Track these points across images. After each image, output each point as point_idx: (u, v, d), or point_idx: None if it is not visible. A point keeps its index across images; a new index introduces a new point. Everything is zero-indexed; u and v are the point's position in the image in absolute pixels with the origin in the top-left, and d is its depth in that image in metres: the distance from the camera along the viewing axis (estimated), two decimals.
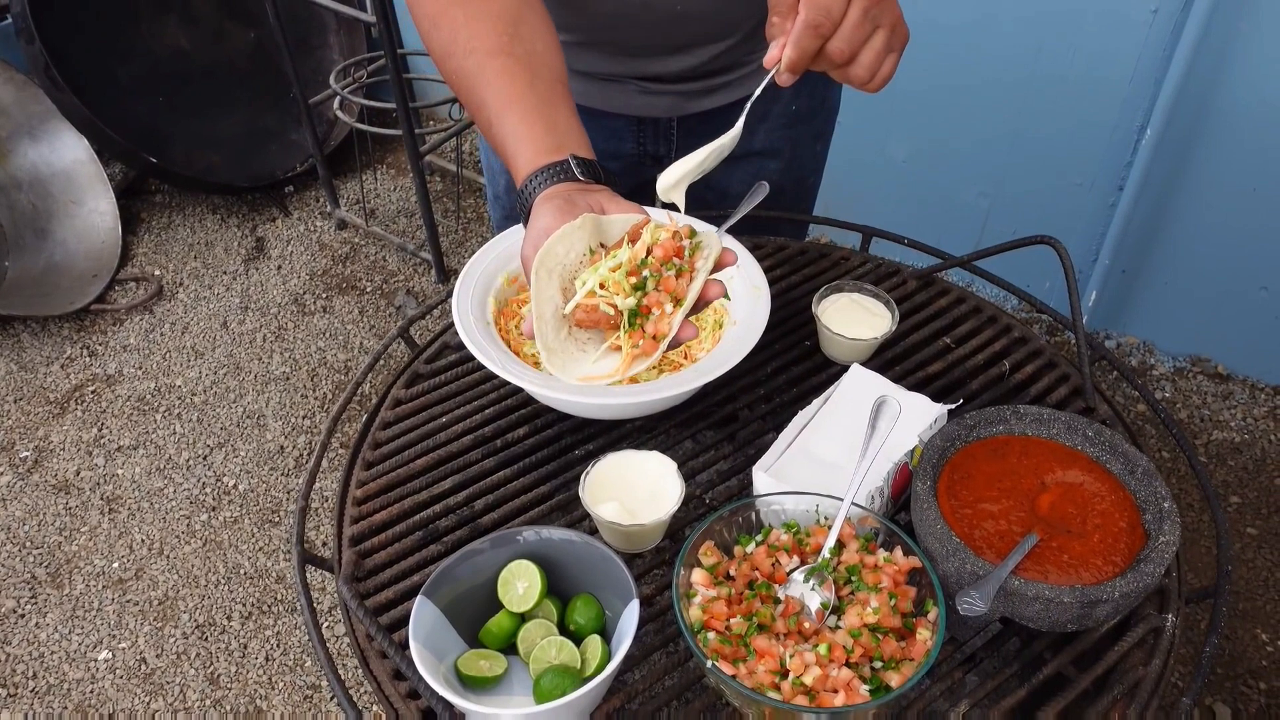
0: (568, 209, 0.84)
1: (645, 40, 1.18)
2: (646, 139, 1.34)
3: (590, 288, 0.81)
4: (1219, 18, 1.99)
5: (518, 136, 0.91)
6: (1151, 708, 0.86)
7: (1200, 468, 1.05)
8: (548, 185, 0.87)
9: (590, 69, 1.24)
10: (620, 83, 1.25)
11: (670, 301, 0.81)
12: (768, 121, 1.34)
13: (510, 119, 0.91)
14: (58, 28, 2.83)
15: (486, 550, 0.90)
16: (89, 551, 2.21)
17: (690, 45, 1.20)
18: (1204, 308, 2.43)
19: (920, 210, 2.69)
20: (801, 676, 0.79)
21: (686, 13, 1.13)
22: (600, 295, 0.80)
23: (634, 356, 0.80)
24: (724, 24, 1.19)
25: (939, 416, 1.02)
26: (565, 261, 0.81)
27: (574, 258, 0.81)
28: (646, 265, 0.81)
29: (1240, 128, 2.12)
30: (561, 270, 0.81)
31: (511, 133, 0.91)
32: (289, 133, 3.36)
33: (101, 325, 2.82)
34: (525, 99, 0.92)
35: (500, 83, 0.92)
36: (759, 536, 0.91)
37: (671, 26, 1.16)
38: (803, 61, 0.81)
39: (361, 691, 1.81)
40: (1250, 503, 2.20)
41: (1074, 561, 0.85)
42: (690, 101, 1.28)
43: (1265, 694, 1.85)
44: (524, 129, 0.90)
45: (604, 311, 0.80)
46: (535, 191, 0.87)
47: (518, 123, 0.91)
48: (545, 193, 0.86)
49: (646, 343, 0.80)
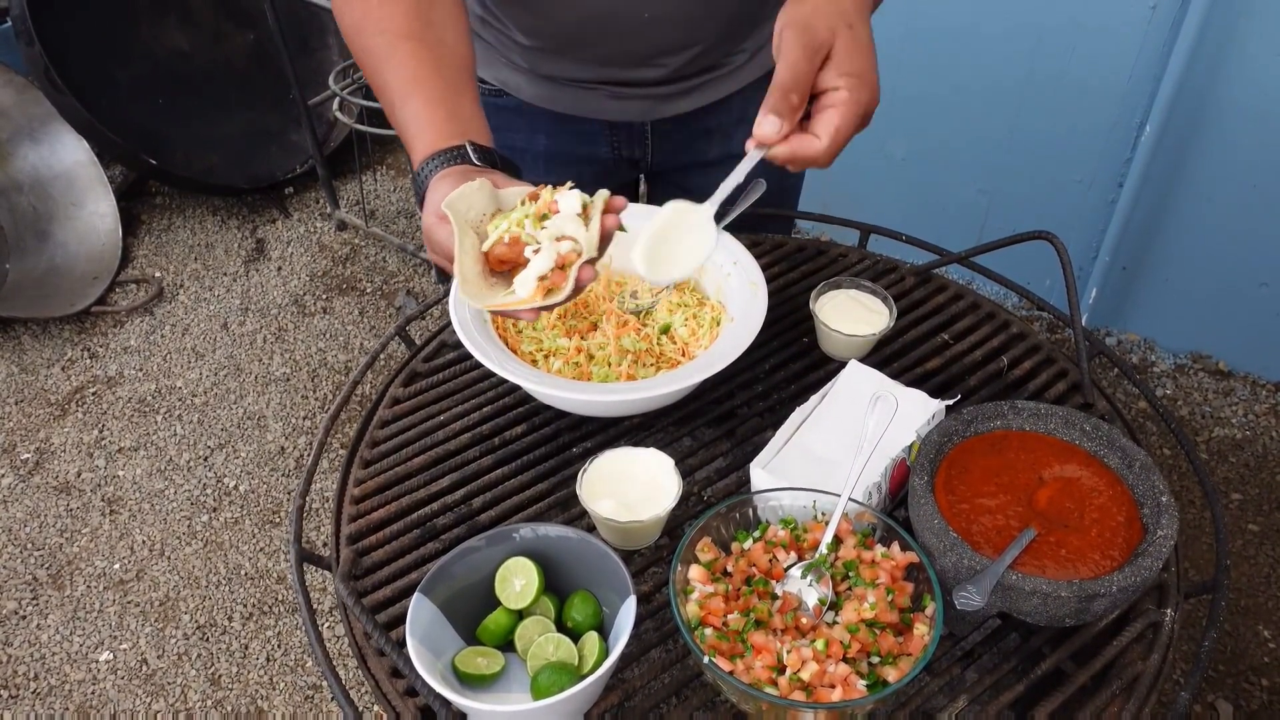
0: (463, 181, 0.86)
1: (613, 47, 1.17)
2: (620, 143, 1.33)
3: (504, 229, 0.84)
4: (1217, 14, 1.99)
5: (420, 120, 0.92)
6: (1150, 703, 0.86)
7: (1200, 464, 1.04)
8: (443, 167, 0.89)
9: (560, 74, 1.24)
10: (591, 88, 1.24)
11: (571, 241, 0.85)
12: (745, 125, 1.33)
13: (414, 103, 0.93)
14: (57, 30, 2.83)
15: (484, 548, 0.90)
16: (90, 553, 2.21)
17: (659, 52, 1.18)
18: (1204, 304, 2.43)
19: (919, 208, 2.69)
20: (799, 672, 0.79)
21: (654, 20, 1.12)
22: (514, 232, 0.84)
23: (545, 289, 0.83)
24: (693, 31, 1.17)
25: (937, 412, 1.02)
26: (467, 218, 0.84)
27: (474, 215, 0.85)
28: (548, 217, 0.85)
29: (1240, 124, 2.11)
30: (465, 223, 0.84)
31: (414, 116, 0.92)
32: (289, 134, 3.36)
33: (102, 327, 2.82)
34: (430, 84, 0.94)
35: (407, 66, 0.94)
36: (756, 533, 0.91)
37: (639, 34, 1.14)
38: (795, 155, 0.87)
39: (361, 691, 1.80)
40: (1252, 499, 2.20)
41: (1072, 556, 0.85)
42: (663, 105, 1.27)
43: (1267, 690, 1.85)
44: (426, 114, 0.92)
45: (524, 243, 0.83)
46: (432, 173, 0.89)
47: (420, 107, 0.92)
48: (441, 173, 0.88)
49: (554, 274, 0.83)
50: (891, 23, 2.38)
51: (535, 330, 1.13)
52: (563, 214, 0.84)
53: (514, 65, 1.26)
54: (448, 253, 0.85)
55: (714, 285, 1.18)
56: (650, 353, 1.12)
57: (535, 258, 0.83)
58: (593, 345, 1.11)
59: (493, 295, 0.84)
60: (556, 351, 1.11)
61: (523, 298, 0.83)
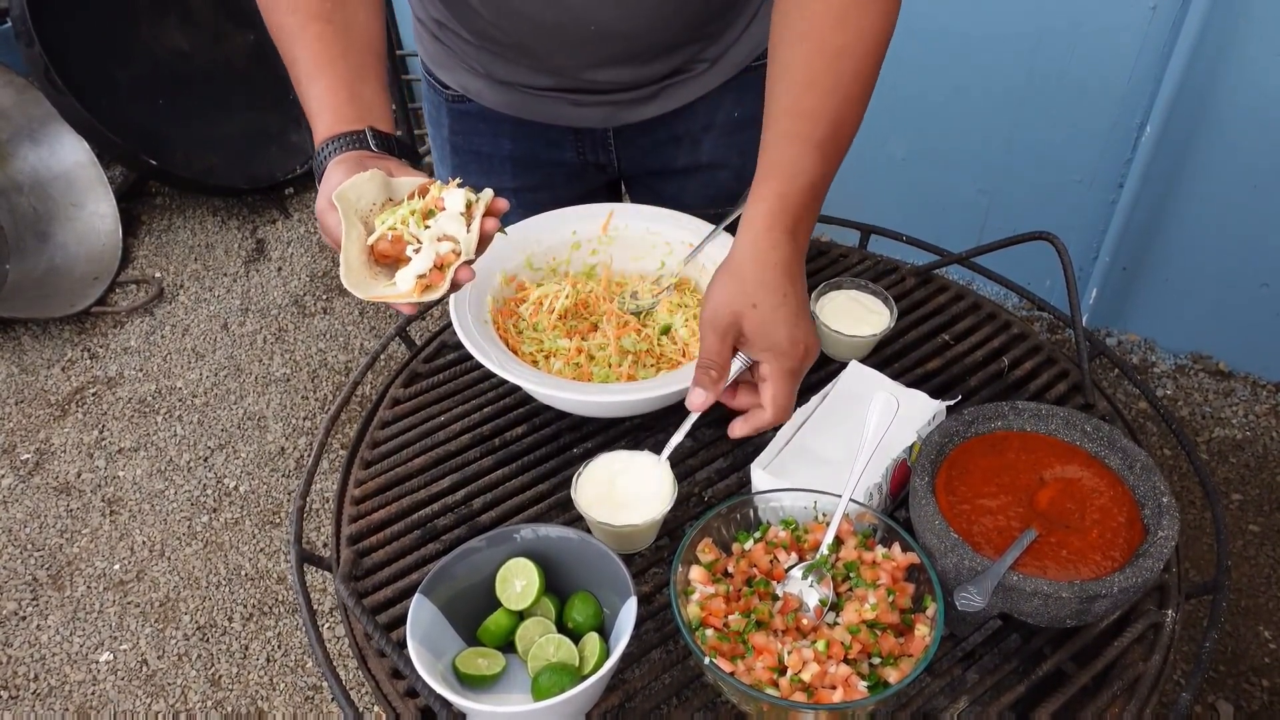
0: (358, 168, 0.88)
1: (566, 58, 1.16)
2: (585, 149, 1.31)
3: (389, 225, 0.87)
4: (1217, 15, 1.99)
5: (322, 102, 0.94)
6: (1151, 704, 0.86)
7: (1201, 464, 1.04)
8: (340, 151, 0.91)
9: (518, 80, 1.22)
10: (550, 95, 1.23)
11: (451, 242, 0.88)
12: (713, 131, 1.31)
13: (318, 84, 0.94)
14: (57, 30, 2.83)
15: (484, 548, 0.90)
16: (90, 553, 2.21)
17: (610, 62, 1.17)
18: (1205, 305, 2.43)
19: (919, 208, 2.68)
20: (800, 673, 0.79)
21: (601, 33, 1.10)
22: (397, 230, 0.87)
23: (424, 286, 0.86)
24: (642, 43, 1.15)
25: (937, 413, 1.02)
26: (358, 206, 0.87)
27: (365, 204, 0.87)
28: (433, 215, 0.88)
29: (1240, 124, 2.11)
30: (354, 213, 0.87)
31: (317, 97, 0.94)
32: (289, 134, 3.36)
33: (102, 327, 2.82)
34: (335, 67, 0.95)
35: (315, 47, 0.95)
36: (757, 533, 0.91)
37: (588, 45, 1.13)
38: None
39: (362, 692, 1.80)
40: (1252, 500, 2.20)
41: (1073, 557, 0.85)
42: (624, 111, 1.25)
43: (1268, 691, 1.85)
44: (329, 96, 0.94)
45: (406, 241, 0.86)
46: (329, 156, 0.91)
47: (324, 89, 0.94)
48: (338, 158, 0.90)
49: (433, 273, 0.86)
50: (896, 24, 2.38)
51: (536, 331, 1.13)
52: (447, 213, 0.87)
53: (474, 70, 1.25)
54: (336, 239, 0.87)
55: None
56: (650, 353, 1.12)
57: (416, 257, 0.85)
58: (593, 346, 1.11)
59: (373, 286, 0.87)
60: (557, 352, 1.11)
61: (401, 292, 0.86)
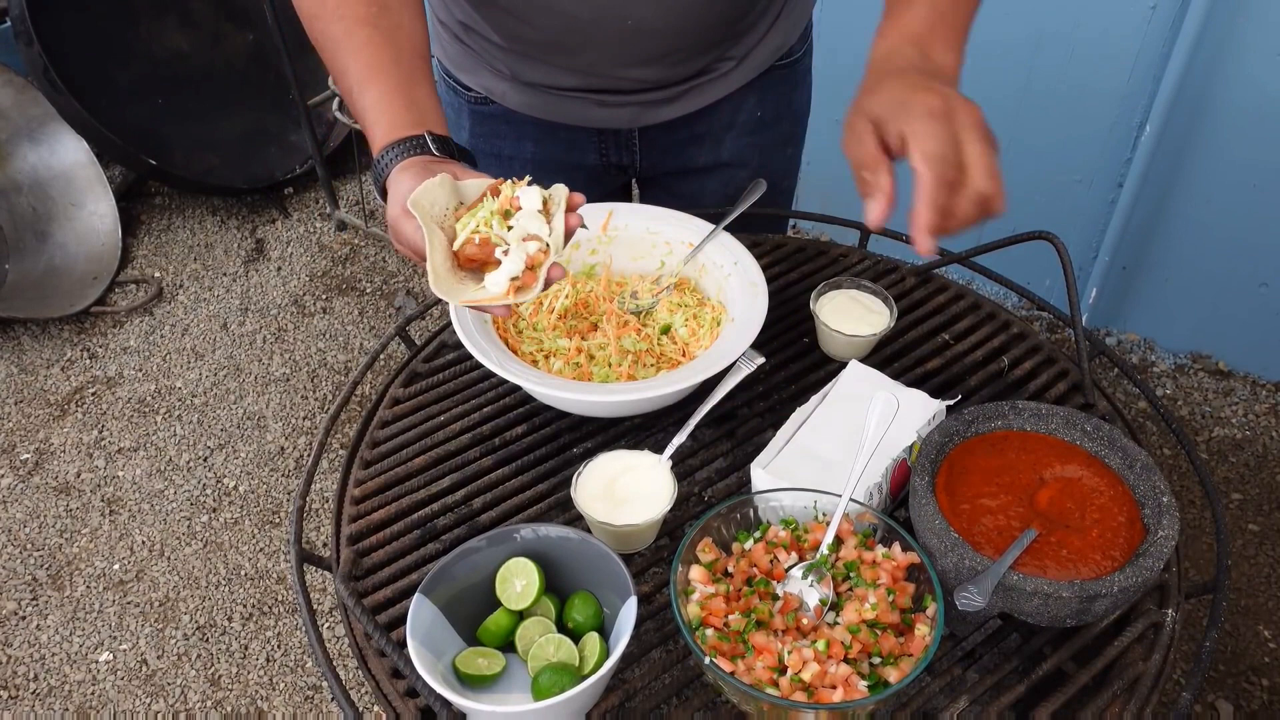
0: (424, 174, 0.88)
1: (596, 55, 1.16)
2: (609, 150, 1.32)
3: (473, 229, 0.86)
4: (1217, 14, 1.99)
5: (378, 109, 0.94)
6: (1151, 703, 0.86)
7: (1201, 464, 1.04)
8: (403, 157, 0.90)
9: (543, 81, 1.22)
10: (576, 96, 1.23)
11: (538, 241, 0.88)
12: (734, 131, 1.32)
13: (372, 92, 0.94)
14: (56, 30, 2.83)
15: (484, 548, 0.90)
16: (90, 553, 2.21)
17: (642, 60, 1.17)
18: (1204, 304, 2.43)
19: None
20: (800, 673, 0.79)
21: (636, 29, 1.11)
22: (483, 233, 0.87)
23: (516, 287, 0.85)
24: (675, 40, 1.16)
25: (937, 412, 1.02)
26: (432, 213, 0.86)
27: (438, 210, 0.87)
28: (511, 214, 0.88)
29: (1240, 124, 2.11)
30: (431, 219, 0.87)
31: (372, 105, 0.94)
32: (288, 134, 3.36)
33: (101, 327, 2.82)
34: (388, 73, 0.95)
35: (365, 54, 0.95)
36: (757, 533, 0.91)
37: (621, 42, 1.14)
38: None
39: (362, 692, 1.80)
40: (1252, 499, 2.20)
41: (1073, 556, 0.85)
42: (650, 111, 1.26)
43: (1268, 690, 1.85)
44: (385, 103, 0.94)
45: (494, 244, 0.86)
46: (391, 163, 0.91)
47: (379, 96, 0.94)
48: (402, 164, 0.90)
49: (525, 274, 0.86)
50: None
51: (536, 331, 1.13)
52: (525, 211, 0.87)
53: (498, 72, 1.25)
54: (415, 247, 0.87)
55: (714, 285, 1.18)
56: (650, 353, 1.12)
57: (506, 260, 0.85)
58: (593, 345, 1.11)
59: (463, 291, 0.86)
60: (557, 352, 1.11)
61: (495, 294, 0.85)
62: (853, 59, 2.23)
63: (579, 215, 0.89)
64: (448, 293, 0.84)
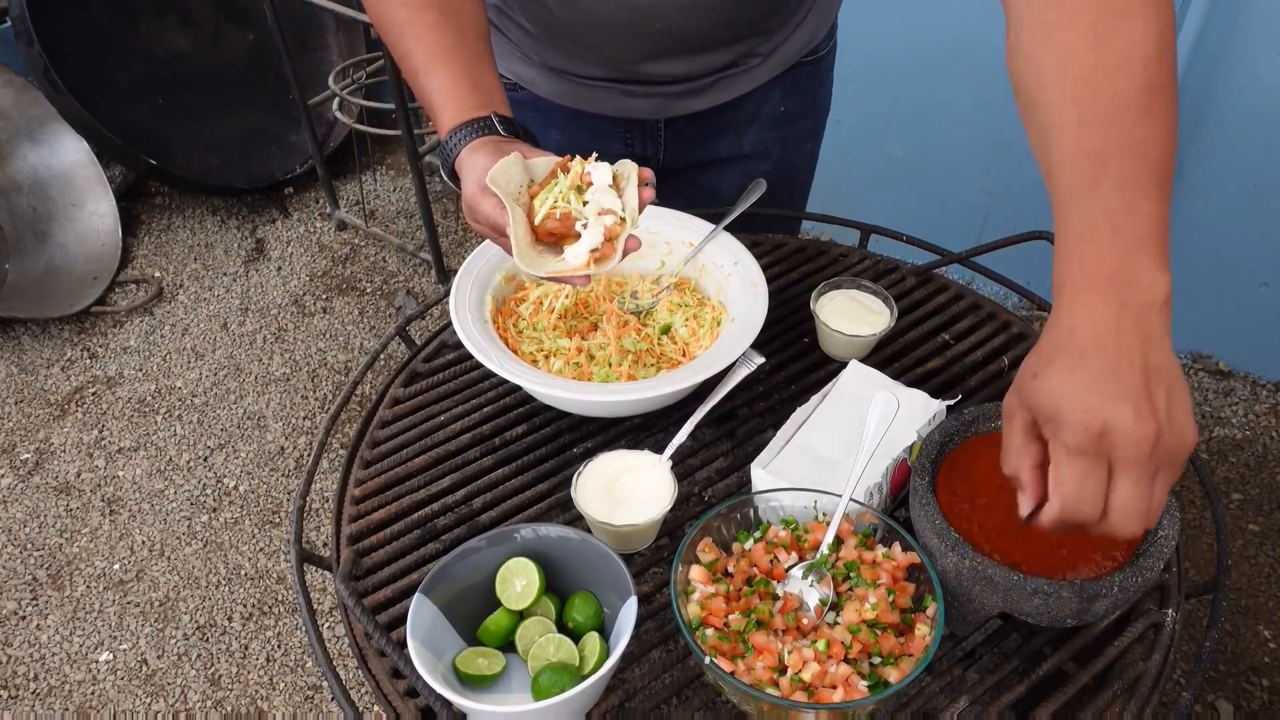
0: (498, 154, 0.91)
1: (625, 50, 1.18)
2: (634, 140, 1.33)
3: (551, 204, 0.91)
4: (1217, 14, 1.99)
5: (445, 92, 0.97)
6: (1151, 703, 0.86)
7: (1201, 464, 1.04)
8: (472, 138, 0.94)
9: (573, 71, 1.24)
10: (604, 85, 1.25)
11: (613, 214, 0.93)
12: (757, 123, 1.34)
13: (438, 75, 0.97)
14: (57, 30, 2.83)
15: (484, 548, 0.90)
16: (90, 553, 2.21)
17: (669, 55, 1.19)
18: (1204, 304, 2.43)
19: (920, 208, 2.68)
20: (800, 673, 0.79)
21: (666, 30, 1.12)
22: (560, 207, 0.91)
23: (595, 259, 0.90)
24: (706, 39, 1.17)
25: (938, 412, 1.02)
26: (507, 190, 0.90)
27: (513, 188, 0.91)
28: (584, 190, 0.92)
29: (1240, 124, 2.11)
30: (506, 196, 0.90)
31: (439, 88, 0.97)
32: (288, 134, 3.36)
33: (102, 327, 2.82)
34: (453, 56, 0.98)
35: (430, 38, 0.98)
36: (757, 533, 0.91)
37: (650, 40, 1.15)
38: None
39: (362, 692, 1.80)
40: (1252, 499, 2.20)
41: (1073, 556, 0.85)
42: (677, 103, 1.27)
43: (1268, 690, 1.85)
44: (452, 85, 0.97)
45: (574, 218, 0.90)
46: (460, 144, 0.94)
47: (444, 79, 0.97)
48: (471, 144, 0.94)
49: (604, 245, 0.90)
50: (894, 24, 2.38)
51: (536, 331, 1.13)
52: (598, 186, 0.91)
53: (528, 59, 1.27)
54: (494, 224, 0.91)
55: (714, 285, 1.18)
56: (651, 353, 1.12)
57: (586, 232, 0.90)
58: (593, 345, 1.11)
59: (544, 263, 0.91)
60: (557, 352, 1.11)
61: (575, 266, 0.90)
62: (861, 60, 2.24)
63: (651, 189, 0.94)
64: (530, 265, 0.89)
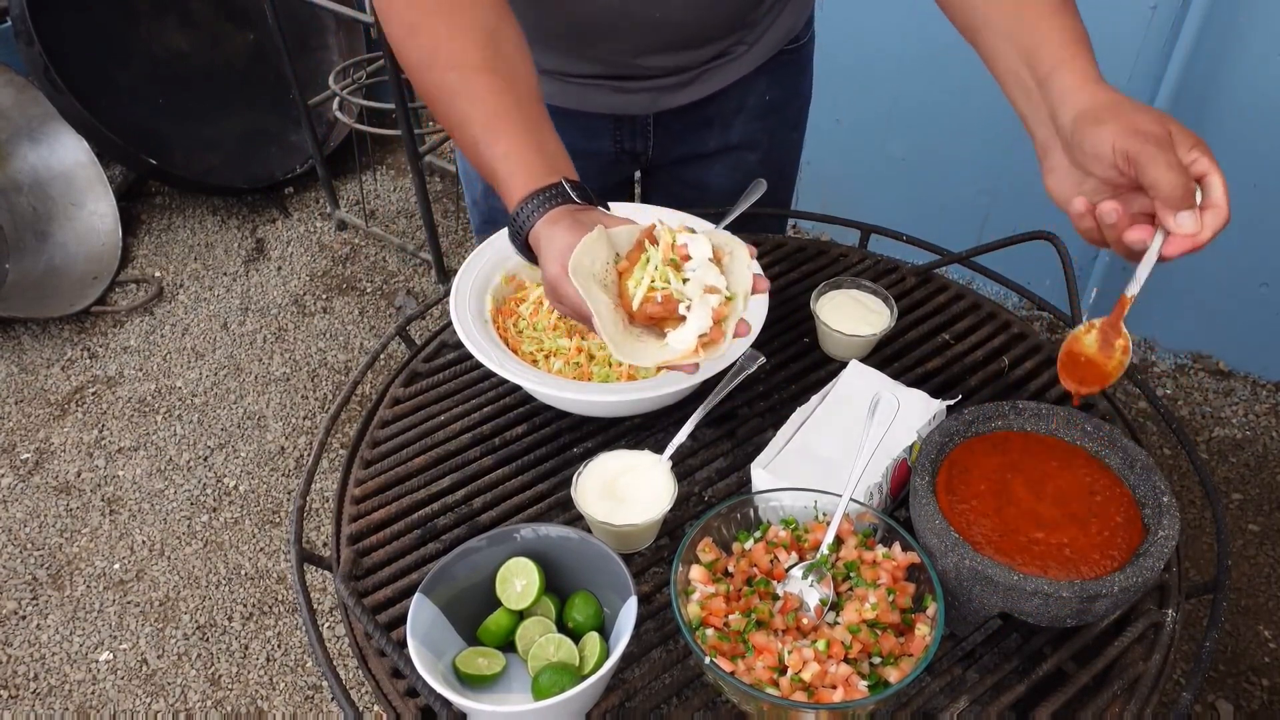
0: (578, 227, 0.85)
1: (621, 45, 1.18)
2: (624, 136, 1.33)
3: (649, 285, 0.83)
4: (1218, 13, 1.99)
5: (509, 159, 0.90)
6: (1151, 703, 0.86)
7: (1201, 464, 1.04)
8: (545, 208, 0.87)
9: (563, 69, 1.24)
10: (594, 83, 1.25)
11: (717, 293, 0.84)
12: (744, 114, 1.35)
13: (501, 142, 0.91)
14: (57, 30, 2.83)
15: (484, 548, 0.90)
16: (90, 553, 2.21)
17: (664, 49, 1.20)
18: (1205, 304, 2.43)
19: (920, 208, 2.68)
20: (800, 673, 0.79)
21: (665, 21, 1.13)
22: (658, 287, 0.83)
23: (705, 343, 0.82)
24: (701, 29, 1.18)
25: (938, 412, 1.02)
26: (593, 271, 0.83)
27: (599, 267, 0.84)
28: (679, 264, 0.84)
29: (1240, 123, 2.11)
30: (593, 278, 0.84)
31: (502, 155, 0.91)
32: (288, 134, 3.36)
33: (102, 327, 2.82)
34: (513, 120, 0.92)
35: (489, 101, 0.92)
36: (757, 533, 0.91)
37: (649, 33, 1.15)
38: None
39: (362, 692, 1.80)
40: (1252, 499, 2.20)
41: (1073, 556, 0.85)
42: (666, 96, 1.28)
43: (1267, 690, 1.85)
44: (517, 152, 0.90)
45: (676, 299, 0.82)
46: (534, 215, 0.88)
47: (508, 146, 0.91)
48: (548, 215, 0.87)
49: (714, 329, 0.82)
50: (893, 24, 2.38)
51: (536, 331, 1.13)
52: (698, 260, 0.83)
53: None
54: (582, 313, 0.84)
55: None
56: None
57: (691, 316, 0.82)
58: (593, 345, 1.11)
59: (645, 351, 0.83)
60: (557, 351, 1.11)
61: (683, 353, 0.82)
62: (861, 60, 2.24)
63: (766, 279, 0.87)
64: (628, 354, 0.82)
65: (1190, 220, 0.80)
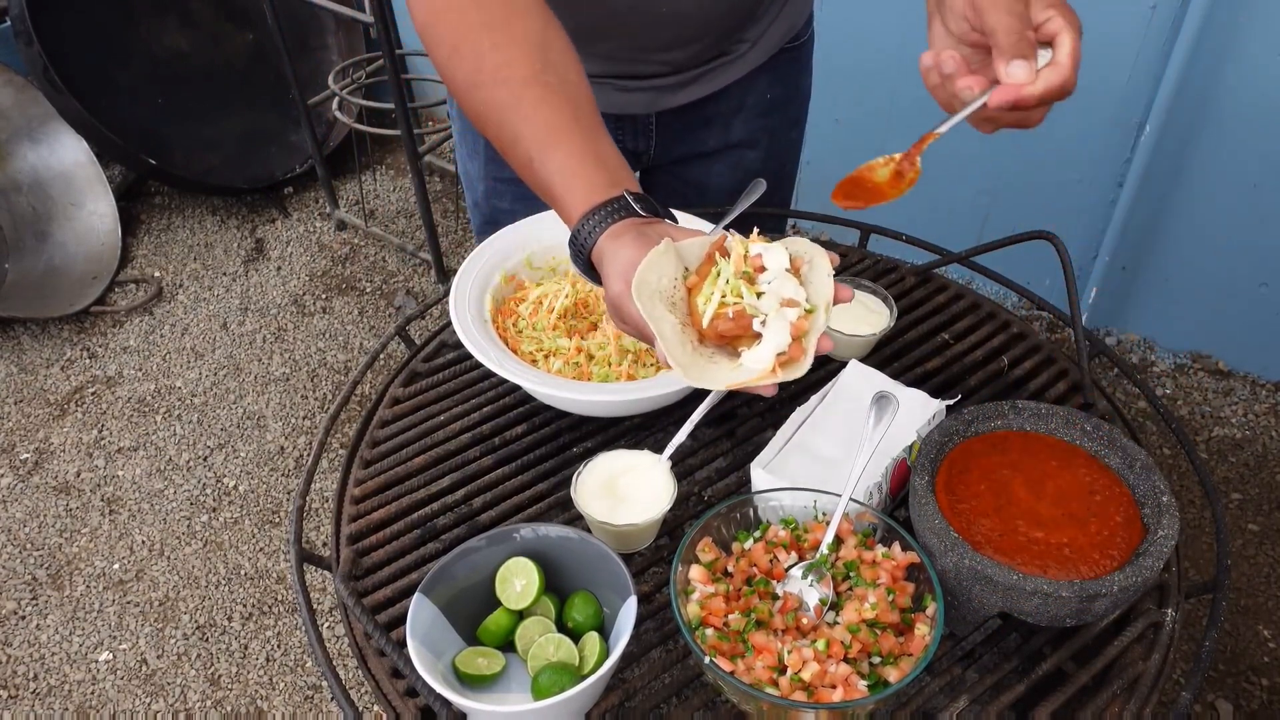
0: (643, 241, 0.79)
1: (625, 42, 1.18)
2: (625, 136, 1.33)
3: (718, 300, 0.77)
4: (1217, 13, 1.99)
5: (568, 174, 0.85)
6: (1151, 703, 0.86)
7: (1200, 463, 1.04)
8: (608, 223, 0.82)
9: None
10: (598, 83, 1.24)
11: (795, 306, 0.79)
12: (744, 112, 1.35)
13: (557, 155, 0.86)
14: (56, 30, 2.83)
15: (484, 548, 0.90)
16: (89, 553, 2.21)
17: (669, 45, 1.20)
18: (1204, 304, 2.43)
19: (920, 208, 2.67)
20: (800, 672, 0.79)
21: (671, 14, 1.13)
22: (729, 303, 0.78)
23: (783, 361, 0.75)
24: (705, 24, 1.19)
25: (937, 412, 1.02)
26: (659, 288, 0.78)
27: (666, 283, 0.78)
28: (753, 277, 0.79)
29: (1240, 123, 2.11)
30: (659, 296, 0.79)
31: (559, 169, 0.85)
32: (288, 134, 3.36)
33: (101, 327, 2.82)
34: (570, 132, 0.87)
35: (543, 114, 0.87)
36: (757, 533, 0.91)
37: (653, 29, 1.16)
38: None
39: (362, 692, 1.80)
40: (1252, 499, 2.20)
41: (1073, 556, 0.85)
42: (667, 96, 1.28)
43: (1267, 690, 1.85)
44: (572, 166, 0.85)
45: (749, 315, 0.76)
46: (596, 231, 0.82)
47: (565, 159, 0.86)
48: (610, 230, 0.82)
49: (793, 345, 0.76)
50: (893, 23, 2.38)
51: (535, 330, 1.13)
52: (774, 271, 0.77)
53: None
54: (643, 331, 0.78)
55: None
56: (650, 353, 1.12)
57: (767, 332, 0.75)
58: (593, 345, 1.11)
59: (717, 371, 0.77)
60: (556, 351, 1.11)
61: (760, 373, 0.75)
62: (860, 59, 2.24)
63: (849, 288, 0.79)
64: (699, 377, 0.75)
65: (1022, 70, 0.78)
